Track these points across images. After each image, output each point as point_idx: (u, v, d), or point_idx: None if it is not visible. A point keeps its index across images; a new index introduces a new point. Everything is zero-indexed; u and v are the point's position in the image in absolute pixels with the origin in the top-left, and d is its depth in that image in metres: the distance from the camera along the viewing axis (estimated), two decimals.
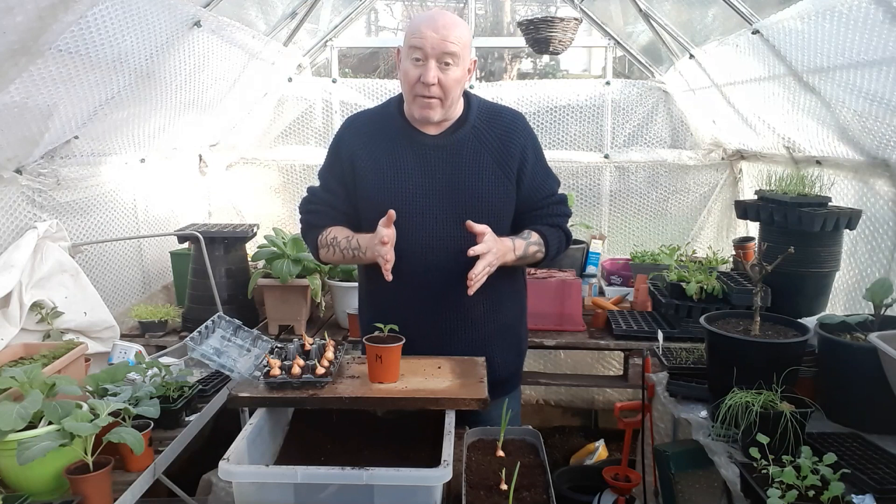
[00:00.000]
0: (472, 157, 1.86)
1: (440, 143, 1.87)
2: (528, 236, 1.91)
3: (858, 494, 1.38)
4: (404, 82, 1.81)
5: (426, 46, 1.72)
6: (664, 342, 2.37)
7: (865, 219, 2.34)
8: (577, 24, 3.35)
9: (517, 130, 1.92)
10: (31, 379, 1.54)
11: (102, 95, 2.35)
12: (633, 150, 3.99)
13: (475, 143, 1.88)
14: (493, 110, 1.96)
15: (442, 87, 1.76)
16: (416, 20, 1.78)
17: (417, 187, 1.84)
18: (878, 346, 1.56)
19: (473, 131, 1.89)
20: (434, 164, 1.86)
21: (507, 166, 1.88)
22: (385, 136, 1.89)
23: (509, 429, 1.60)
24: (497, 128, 1.91)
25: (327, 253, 1.94)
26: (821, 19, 2.01)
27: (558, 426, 4.03)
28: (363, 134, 1.92)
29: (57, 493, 1.42)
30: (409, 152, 1.86)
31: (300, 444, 1.64)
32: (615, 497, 2.56)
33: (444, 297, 1.86)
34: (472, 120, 1.89)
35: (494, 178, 1.87)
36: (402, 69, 1.80)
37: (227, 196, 4.05)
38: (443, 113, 1.82)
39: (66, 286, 2.32)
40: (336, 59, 4.04)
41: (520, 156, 1.90)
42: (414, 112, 1.82)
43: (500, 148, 1.89)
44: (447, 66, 1.75)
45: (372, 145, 1.89)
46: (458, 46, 1.74)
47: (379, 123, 1.92)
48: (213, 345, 1.78)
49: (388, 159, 1.86)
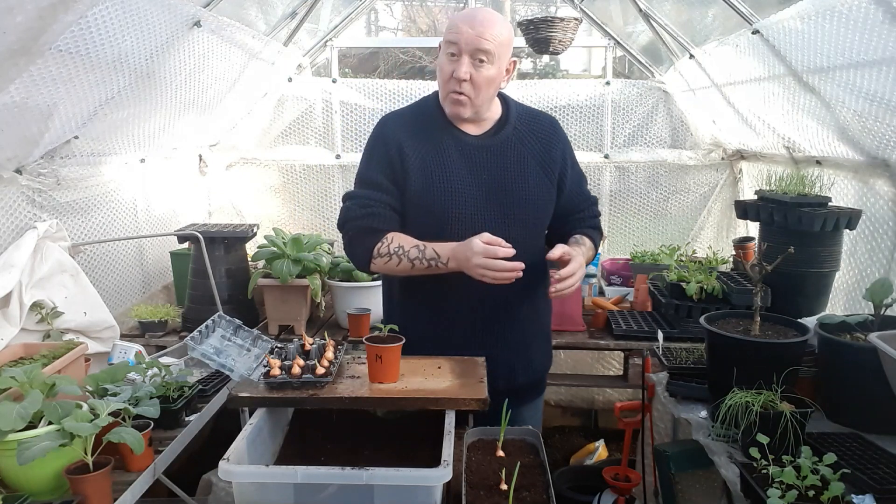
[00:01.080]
0: (517, 158, 1.86)
1: (484, 143, 1.86)
2: (583, 243, 1.94)
3: (858, 494, 1.37)
4: (439, 77, 1.80)
5: (461, 41, 1.71)
6: (664, 342, 2.37)
7: (865, 219, 2.34)
8: (577, 24, 3.35)
9: (557, 135, 1.94)
10: (31, 379, 1.54)
11: (102, 95, 2.35)
12: (633, 150, 3.99)
13: (518, 145, 1.88)
14: (530, 113, 1.97)
15: (473, 84, 1.73)
16: (457, 15, 1.77)
17: (466, 187, 1.81)
18: (878, 346, 1.55)
19: (515, 133, 1.89)
20: (480, 164, 1.84)
21: (550, 170, 1.90)
22: (428, 133, 1.84)
23: (509, 429, 1.60)
24: (537, 131, 1.92)
25: (387, 263, 1.79)
26: (821, 19, 2.01)
27: (558, 426, 4.03)
28: (407, 129, 1.85)
29: (57, 493, 1.42)
30: (454, 151, 1.83)
31: (300, 444, 1.64)
32: (615, 497, 2.56)
33: (492, 297, 1.85)
34: (512, 122, 1.89)
35: (538, 180, 1.87)
36: (438, 65, 1.79)
37: (227, 196, 4.05)
38: (473, 111, 1.80)
39: (66, 286, 2.32)
40: (336, 59, 4.04)
41: (561, 161, 1.92)
42: (446, 108, 1.81)
43: (543, 152, 1.89)
44: (481, 64, 1.73)
45: (417, 141, 1.83)
46: (493, 44, 1.71)
47: (420, 120, 1.88)
48: (213, 344, 1.78)
49: (435, 157, 1.82)
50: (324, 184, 4.09)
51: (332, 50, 4.02)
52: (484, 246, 1.66)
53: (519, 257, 1.75)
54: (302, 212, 4.13)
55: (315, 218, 4.13)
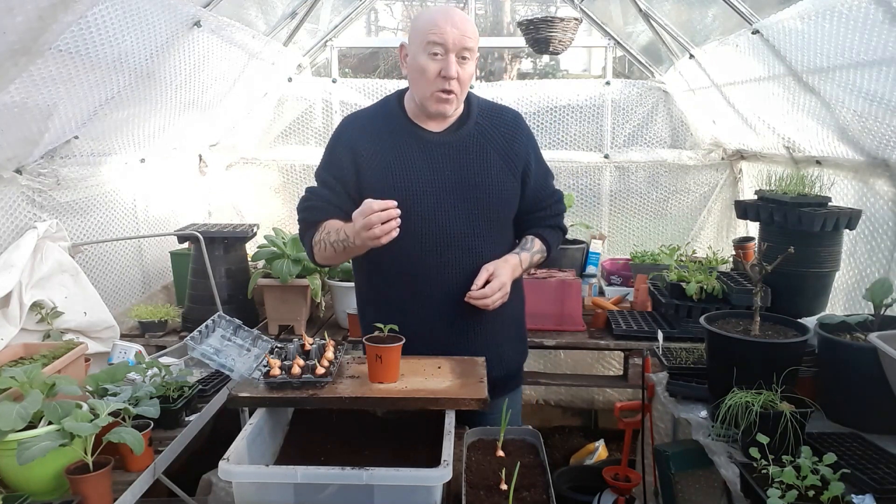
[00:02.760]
0: (479, 153, 1.88)
1: (446, 139, 1.88)
2: (532, 245, 1.97)
3: (858, 494, 1.38)
4: (421, 78, 1.78)
5: (447, 41, 1.73)
6: (664, 342, 2.37)
7: (865, 219, 2.34)
8: (577, 24, 3.35)
9: (520, 130, 1.95)
10: (31, 379, 1.54)
11: (102, 95, 2.35)
12: (633, 150, 3.99)
13: (480, 140, 1.89)
14: (493, 109, 1.98)
15: (460, 81, 1.78)
16: (430, 15, 1.77)
17: (426, 184, 1.84)
18: (878, 346, 1.56)
19: (477, 128, 1.90)
20: (441, 161, 1.86)
21: (514, 165, 1.91)
22: (389, 133, 1.88)
23: (509, 429, 1.60)
24: (500, 126, 1.93)
25: (320, 251, 1.89)
26: (821, 19, 2.01)
27: (558, 426, 4.03)
28: (366, 131, 1.90)
29: (57, 493, 1.42)
30: (415, 149, 1.86)
31: (300, 444, 1.64)
32: (615, 497, 2.56)
33: (454, 293, 1.85)
34: (474, 117, 1.91)
35: (501, 174, 1.88)
36: (417, 65, 1.78)
37: (227, 196, 4.05)
38: (457, 107, 1.85)
39: (66, 286, 2.32)
40: (336, 59, 4.04)
41: (524, 156, 1.93)
42: (429, 106, 1.81)
43: (506, 146, 1.90)
44: (464, 61, 1.78)
45: (376, 142, 1.87)
46: (473, 42, 1.78)
47: (381, 120, 1.91)
48: (212, 344, 1.78)
49: (395, 156, 1.85)
50: None
51: (332, 50, 4.02)
52: (359, 210, 1.68)
53: (484, 251, 1.85)
54: None
55: None
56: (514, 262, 1.89)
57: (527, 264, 1.94)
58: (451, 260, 1.85)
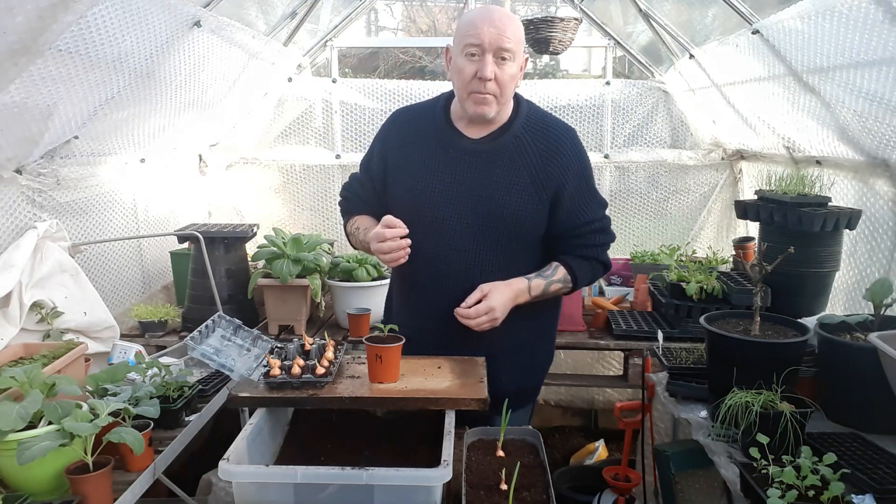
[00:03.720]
0: (506, 169, 1.80)
1: (478, 148, 1.82)
2: (553, 273, 1.86)
3: (858, 494, 1.37)
4: (458, 79, 1.76)
5: (483, 41, 1.69)
6: (664, 342, 2.37)
7: (865, 219, 2.34)
8: (577, 24, 3.35)
9: (563, 149, 1.83)
10: (31, 379, 1.54)
11: (102, 95, 2.35)
12: (633, 150, 3.99)
13: (513, 154, 1.81)
14: (542, 121, 1.87)
15: (498, 82, 1.72)
16: (470, 16, 1.75)
17: (441, 190, 1.80)
18: (878, 346, 1.56)
19: (515, 141, 1.81)
20: (464, 170, 1.81)
21: (543, 186, 1.80)
22: (424, 134, 1.87)
23: (509, 429, 1.60)
24: (542, 142, 1.82)
25: (353, 241, 2.02)
26: (821, 19, 2.01)
27: (558, 426, 4.03)
28: (402, 130, 1.92)
29: (57, 493, 1.42)
30: (442, 154, 1.83)
31: (300, 444, 1.64)
32: (615, 497, 2.56)
33: (451, 307, 1.78)
34: (515, 128, 1.82)
35: (525, 195, 1.79)
36: (456, 67, 1.76)
37: (227, 196, 4.05)
38: (497, 109, 1.78)
39: (66, 286, 2.32)
40: (336, 59, 4.04)
41: (560, 178, 1.81)
42: (468, 109, 1.77)
43: (540, 165, 1.80)
44: (503, 62, 1.72)
45: (409, 142, 1.88)
46: (513, 42, 1.71)
47: (422, 120, 1.90)
48: (212, 344, 1.78)
49: (421, 159, 1.84)
50: (324, 184, 4.09)
51: (332, 50, 4.02)
52: (374, 231, 1.76)
53: (487, 269, 1.80)
54: (302, 212, 4.13)
55: (315, 218, 4.13)
56: (520, 287, 1.79)
57: (537, 292, 1.82)
58: (449, 273, 1.82)
